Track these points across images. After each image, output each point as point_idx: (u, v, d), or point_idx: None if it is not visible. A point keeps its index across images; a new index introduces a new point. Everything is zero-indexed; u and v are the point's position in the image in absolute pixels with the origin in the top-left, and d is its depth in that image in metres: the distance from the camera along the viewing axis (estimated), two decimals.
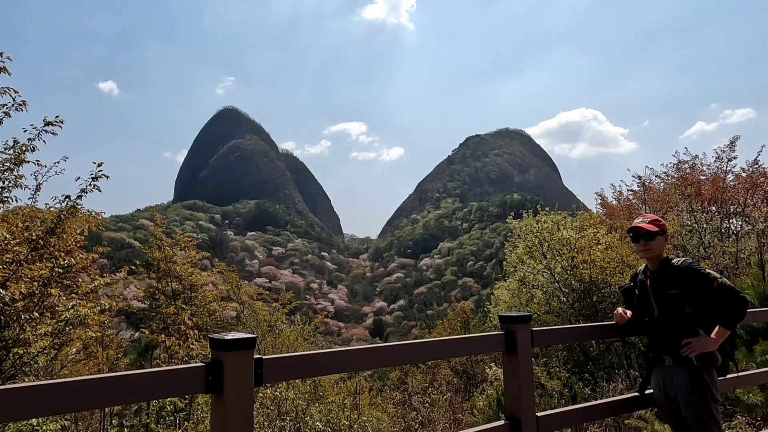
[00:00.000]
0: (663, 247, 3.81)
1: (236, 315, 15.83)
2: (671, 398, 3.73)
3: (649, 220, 3.84)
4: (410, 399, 13.99)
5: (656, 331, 3.80)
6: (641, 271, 3.98)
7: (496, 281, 25.55)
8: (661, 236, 3.79)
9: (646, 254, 3.81)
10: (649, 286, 3.81)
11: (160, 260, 11.90)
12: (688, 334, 3.60)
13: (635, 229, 3.83)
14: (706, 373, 3.58)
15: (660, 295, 3.74)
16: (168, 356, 10.03)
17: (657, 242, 3.78)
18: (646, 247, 3.78)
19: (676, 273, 3.66)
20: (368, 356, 3.09)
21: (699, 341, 3.55)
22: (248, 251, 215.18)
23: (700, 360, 3.56)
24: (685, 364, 3.61)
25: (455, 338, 3.52)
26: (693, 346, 3.55)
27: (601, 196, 21.05)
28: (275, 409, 9.86)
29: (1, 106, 7.07)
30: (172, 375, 2.30)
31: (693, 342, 3.55)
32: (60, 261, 7.14)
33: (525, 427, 3.36)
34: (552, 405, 10.34)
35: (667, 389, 3.75)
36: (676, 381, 3.65)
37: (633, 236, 3.88)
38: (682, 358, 3.60)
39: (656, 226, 3.80)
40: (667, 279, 3.70)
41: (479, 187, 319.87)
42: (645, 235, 3.78)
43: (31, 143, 7.28)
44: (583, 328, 4.36)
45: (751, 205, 15.68)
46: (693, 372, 3.58)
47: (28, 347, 6.83)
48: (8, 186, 7.04)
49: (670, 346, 3.68)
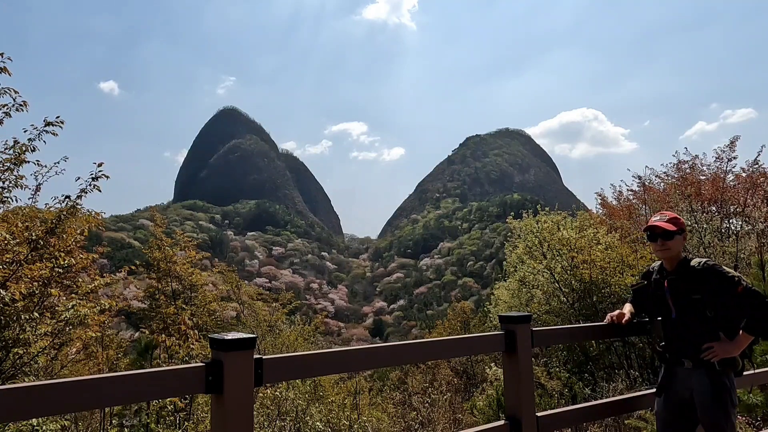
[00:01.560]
0: (681, 247, 3.69)
1: (236, 315, 15.83)
2: (684, 400, 3.61)
3: (668, 218, 3.70)
4: (410, 399, 13.99)
5: (674, 333, 3.69)
6: (656, 270, 3.84)
7: (496, 281, 25.55)
8: (680, 236, 3.66)
9: (663, 254, 3.67)
10: (666, 287, 3.67)
11: (160, 260, 11.90)
12: (709, 337, 3.49)
13: (653, 228, 3.69)
14: (726, 376, 3.48)
15: (679, 296, 3.60)
16: (168, 356, 10.04)
17: (675, 242, 3.64)
18: (664, 247, 3.64)
19: (696, 275, 3.52)
20: (368, 356, 3.09)
21: (721, 346, 3.45)
22: (248, 251, 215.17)
23: (722, 364, 3.46)
24: (705, 368, 3.50)
25: (455, 338, 3.52)
26: (715, 351, 3.44)
27: (601, 196, 21.07)
28: (275, 409, 9.87)
29: (2, 106, 7.08)
30: (172, 375, 2.30)
31: (715, 347, 3.45)
32: (60, 261, 7.14)
33: (525, 427, 3.36)
34: (552, 405, 10.34)
35: (680, 391, 3.62)
36: (695, 384, 3.53)
37: (650, 235, 3.73)
38: (703, 362, 3.49)
39: (675, 225, 3.66)
40: (687, 281, 3.56)
41: (479, 187, 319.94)
42: (663, 234, 3.64)
43: (31, 143, 7.29)
44: (583, 328, 4.36)
45: (751, 205, 15.67)
46: (714, 376, 3.47)
47: (28, 347, 6.84)
48: (8, 186, 7.05)
49: (689, 348, 3.56)
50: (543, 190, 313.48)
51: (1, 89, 7.05)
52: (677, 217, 3.72)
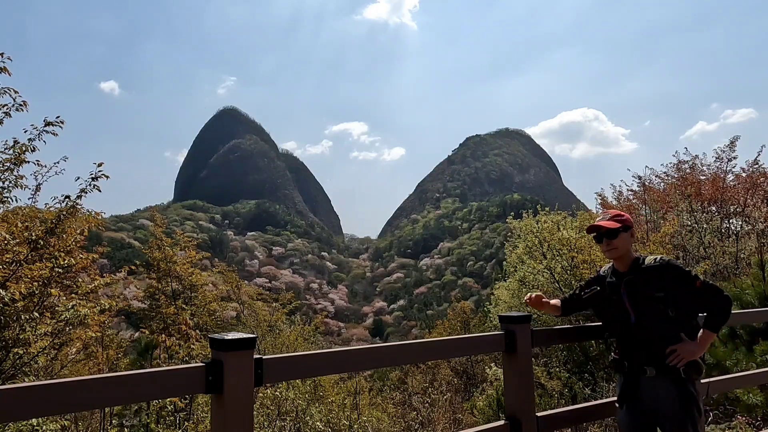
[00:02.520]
0: (629, 245, 3.45)
1: (236, 315, 15.84)
2: (650, 412, 3.35)
3: (610, 216, 3.48)
4: (410, 399, 14.00)
5: (634, 339, 3.39)
6: (608, 273, 3.58)
7: (496, 281, 25.55)
8: (626, 233, 3.42)
9: (612, 254, 3.44)
10: (623, 289, 3.41)
11: (160, 260, 11.91)
12: (671, 340, 3.25)
13: (596, 228, 3.47)
14: (692, 384, 3.27)
15: (638, 298, 3.34)
16: (168, 356, 10.05)
17: (621, 240, 3.40)
18: (611, 247, 3.41)
19: (653, 273, 3.29)
20: (368, 356, 3.09)
21: (685, 348, 3.21)
22: (248, 251, 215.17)
23: (688, 371, 3.23)
24: (671, 376, 3.24)
25: (455, 338, 3.52)
26: (679, 353, 3.20)
27: (601, 196, 21.07)
28: (275, 409, 9.87)
29: (2, 106, 7.08)
30: (173, 375, 2.30)
31: (678, 349, 3.21)
32: (60, 261, 7.14)
33: (525, 427, 3.35)
34: (552, 405, 10.34)
35: (646, 402, 3.35)
36: (660, 394, 3.28)
37: (595, 236, 3.52)
38: (668, 369, 3.24)
39: (618, 221, 3.42)
40: (645, 280, 3.32)
41: (479, 187, 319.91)
42: (607, 233, 3.42)
43: (31, 143, 7.28)
44: (583, 328, 4.35)
45: (751, 205, 15.68)
46: (680, 384, 3.24)
47: (28, 347, 6.83)
48: (8, 186, 7.05)
49: (652, 354, 3.29)
50: (543, 190, 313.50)
51: (1, 89, 7.05)
52: (621, 214, 3.51)
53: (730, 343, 6.99)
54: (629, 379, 3.45)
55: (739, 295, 7.37)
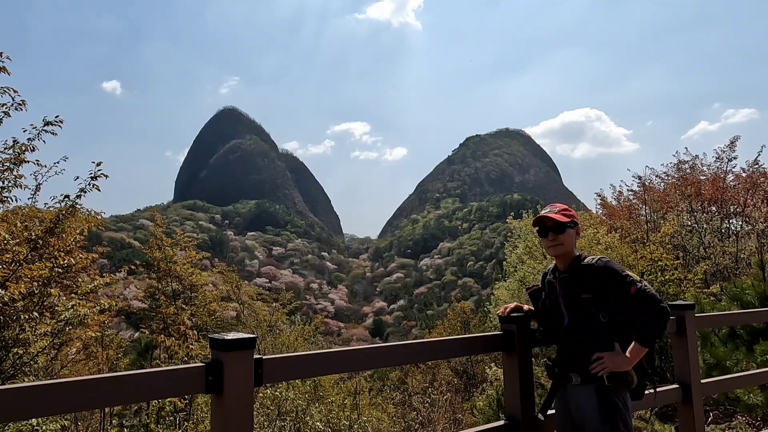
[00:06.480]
0: (573, 243, 3.25)
1: (236, 315, 15.84)
2: (576, 425, 3.15)
3: (558, 209, 3.29)
4: (410, 399, 14.00)
5: (565, 343, 3.22)
6: (550, 271, 3.39)
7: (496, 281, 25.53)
8: (572, 229, 3.22)
9: (555, 250, 3.21)
10: (559, 288, 3.22)
11: (160, 260, 11.91)
12: (602, 347, 3.02)
13: (542, 220, 3.25)
14: (617, 395, 3.02)
15: (571, 299, 3.15)
16: (168, 356, 10.04)
17: (567, 236, 3.19)
18: (556, 242, 3.19)
19: (589, 273, 3.08)
20: (368, 356, 3.09)
21: (611, 357, 2.97)
22: (248, 251, 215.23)
23: (612, 380, 2.99)
24: (594, 384, 3.03)
25: (455, 338, 3.51)
26: (604, 362, 2.97)
27: (601, 197, 21.04)
28: (275, 409, 9.87)
29: (1, 105, 7.08)
30: (172, 375, 2.29)
31: (604, 358, 2.98)
32: (60, 261, 7.14)
33: (525, 427, 3.35)
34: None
35: (572, 412, 3.16)
36: (582, 403, 3.07)
37: (540, 229, 3.29)
38: (592, 377, 3.02)
39: (566, 216, 3.23)
40: (579, 280, 3.11)
41: (479, 187, 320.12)
42: (554, 227, 3.19)
43: (30, 143, 7.29)
44: None
45: (751, 205, 15.68)
46: (603, 393, 3.01)
47: (28, 347, 6.84)
48: (8, 186, 7.05)
49: (578, 361, 3.09)
50: (543, 190, 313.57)
51: (1, 89, 7.05)
52: (568, 209, 3.33)
53: (730, 343, 6.99)
54: (554, 386, 3.29)
55: (739, 295, 7.37)
